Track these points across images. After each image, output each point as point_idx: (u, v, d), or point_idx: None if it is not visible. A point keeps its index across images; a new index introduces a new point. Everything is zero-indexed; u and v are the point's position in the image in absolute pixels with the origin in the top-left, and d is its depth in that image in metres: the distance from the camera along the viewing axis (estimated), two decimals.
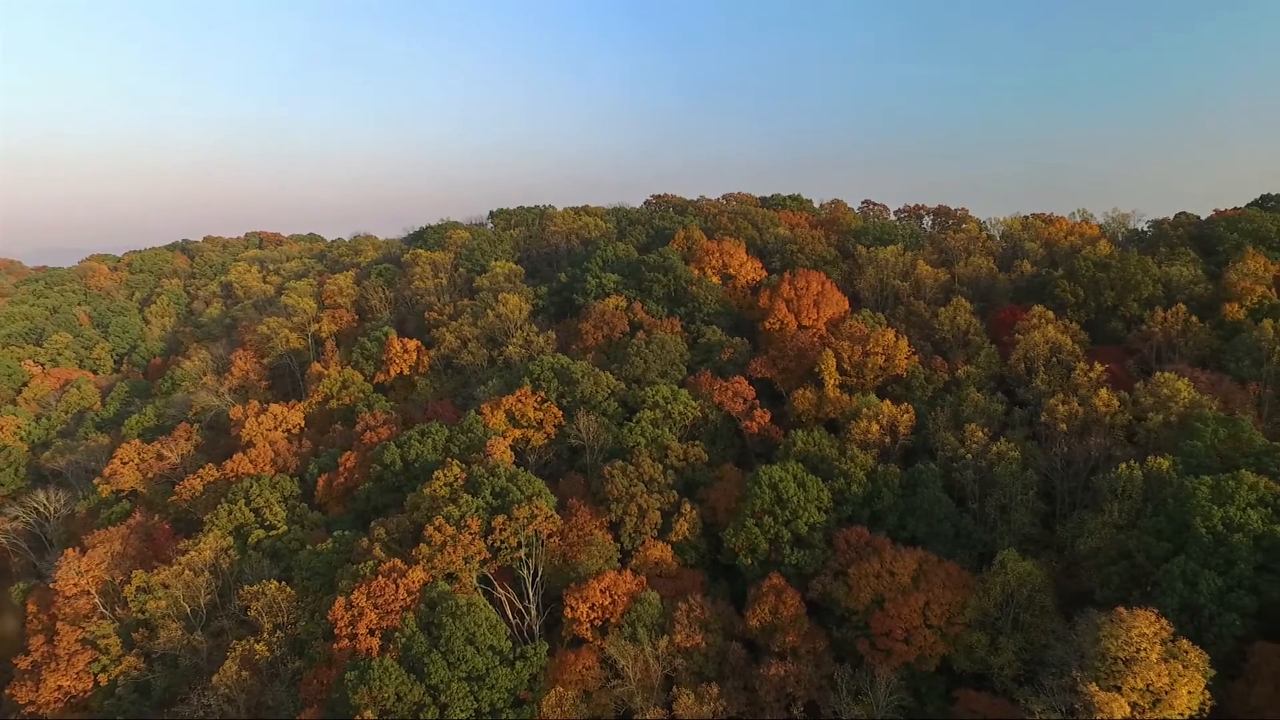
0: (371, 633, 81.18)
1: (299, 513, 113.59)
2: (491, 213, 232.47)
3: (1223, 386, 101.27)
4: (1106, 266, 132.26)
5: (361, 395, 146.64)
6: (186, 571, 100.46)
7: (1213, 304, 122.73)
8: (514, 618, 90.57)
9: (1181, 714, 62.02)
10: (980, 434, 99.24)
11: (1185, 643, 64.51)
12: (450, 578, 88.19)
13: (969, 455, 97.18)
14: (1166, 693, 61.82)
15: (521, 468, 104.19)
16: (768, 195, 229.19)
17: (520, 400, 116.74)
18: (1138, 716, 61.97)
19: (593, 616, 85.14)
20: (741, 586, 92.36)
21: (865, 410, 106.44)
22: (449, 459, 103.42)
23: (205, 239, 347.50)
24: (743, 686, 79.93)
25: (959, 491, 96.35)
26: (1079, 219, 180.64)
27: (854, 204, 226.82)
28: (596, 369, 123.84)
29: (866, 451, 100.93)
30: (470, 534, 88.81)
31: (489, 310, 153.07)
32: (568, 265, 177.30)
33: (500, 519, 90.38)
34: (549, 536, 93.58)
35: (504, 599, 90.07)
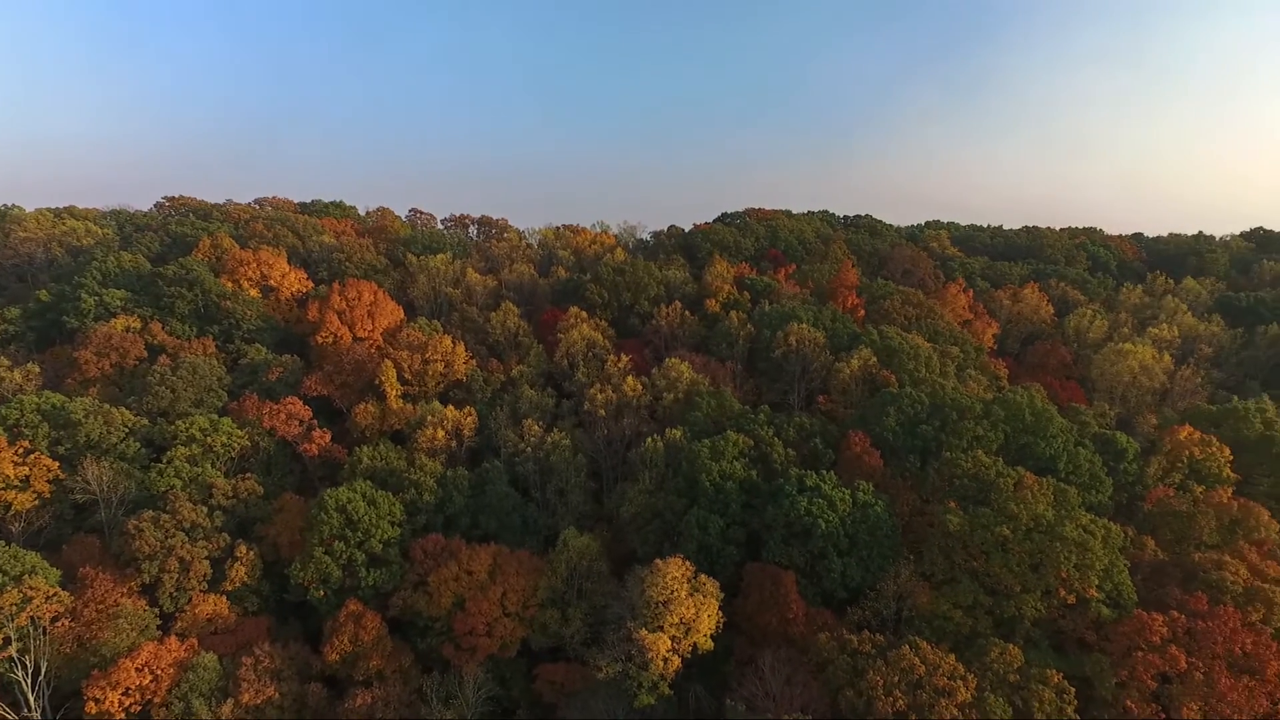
0: None
1: None
2: None
3: (710, 366, 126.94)
4: (623, 271, 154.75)
5: None
6: None
7: (699, 300, 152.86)
8: None
9: (705, 634, 77.02)
10: (536, 428, 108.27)
11: (704, 577, 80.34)
12: None
13: (528, 448, 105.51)
14: (694, 621, 76.14)
15: (3, 541, 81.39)
16: (307, 201, 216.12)
17: None
18: (676, 646, 75.11)
19: (128, 703, 71.17)
20: (316, 622, 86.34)
21: (430, 417, 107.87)
22: None
23: None
24: None
25: (523, 483, 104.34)
26: (599, 229, 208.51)
27: (400, 212, 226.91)
28: (106, 405, 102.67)
29: (435, 458, 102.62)
30: None
31: None
32: (50, 280, 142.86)
33: None
34: (54, 621, 75.22)
35: None
